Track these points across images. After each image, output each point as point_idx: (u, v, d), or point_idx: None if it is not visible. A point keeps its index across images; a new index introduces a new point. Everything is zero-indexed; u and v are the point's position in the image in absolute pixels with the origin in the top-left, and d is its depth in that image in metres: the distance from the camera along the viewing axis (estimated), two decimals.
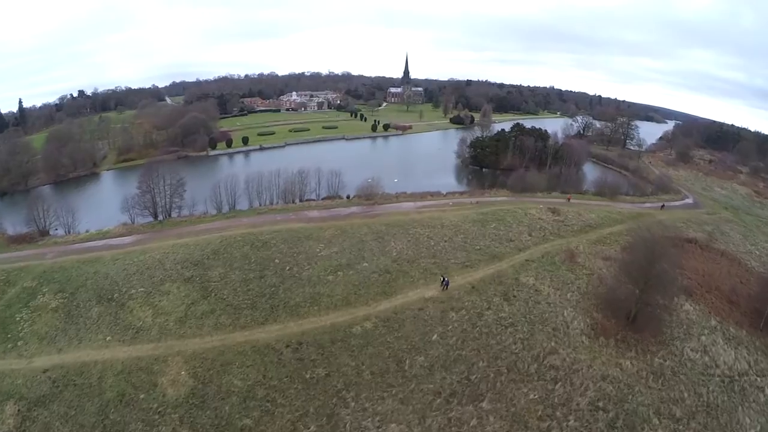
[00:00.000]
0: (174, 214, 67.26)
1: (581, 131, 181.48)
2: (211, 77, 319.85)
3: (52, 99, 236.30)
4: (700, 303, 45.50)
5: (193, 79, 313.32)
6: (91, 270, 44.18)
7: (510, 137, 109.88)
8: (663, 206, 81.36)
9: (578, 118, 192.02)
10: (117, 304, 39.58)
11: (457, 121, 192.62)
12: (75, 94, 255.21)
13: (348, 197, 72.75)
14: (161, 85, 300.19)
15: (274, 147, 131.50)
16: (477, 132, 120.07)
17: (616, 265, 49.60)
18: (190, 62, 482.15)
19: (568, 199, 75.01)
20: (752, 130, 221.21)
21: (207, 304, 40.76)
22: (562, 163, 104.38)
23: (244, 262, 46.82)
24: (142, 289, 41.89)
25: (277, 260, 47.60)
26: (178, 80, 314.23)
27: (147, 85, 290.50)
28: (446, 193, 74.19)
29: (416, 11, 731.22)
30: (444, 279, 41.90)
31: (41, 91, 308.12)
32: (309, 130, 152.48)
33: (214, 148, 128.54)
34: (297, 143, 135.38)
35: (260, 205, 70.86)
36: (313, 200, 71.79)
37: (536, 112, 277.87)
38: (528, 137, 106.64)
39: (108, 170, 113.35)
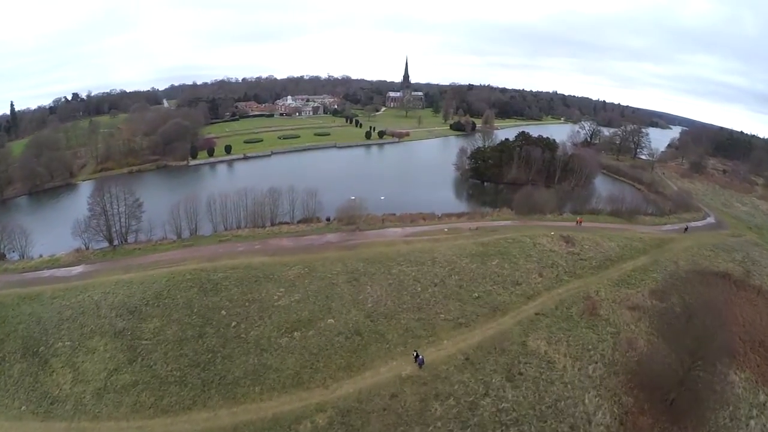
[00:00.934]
0: (131, 239, 58.96)
1: (588, 139, 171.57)
2: (208, 80, 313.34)
3: (48, 101, 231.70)
4: (746, 369, 36.59)
5: (200, 82, 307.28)
6: (27, 310, 38.56)
7: (514, 147, 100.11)
8: (686, 229, 71.97)
9: (585, 124, 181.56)
10: (41, 360, 33.96)
11: (457, 128, 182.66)
12: (69, 97, 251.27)
13: (328, 220, 63.27)
14: (161, 87, 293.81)
15: (259, 156, 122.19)
16: (478, 141, 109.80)
17: (646, 318, 40.25)
18: (194, 65, 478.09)
19: (579, 222, 65.26)
20: (762, 137, 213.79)
21: (131, 372, 32.76)
22: (572, 177, 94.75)
23: (185, 313, 38.06)
24: (69, 342, 35.28)
25: (224, 312, 38.71)
26: (177, 83, 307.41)
27: (150, 87, 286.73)
28: (441, 216, 64.46)
29: (421, 16, 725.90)
30: (417, 356, 31.99)
31: (45, 92, 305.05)
32: (299, 137, 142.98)
33: (195, 157, 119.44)
34: (284, 152, 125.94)
35: (225, 229, 61.49)
36: (287, 223, 62.26)
37: (540, 118, 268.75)
38: (534, 148, 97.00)
39: (85, 180, 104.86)
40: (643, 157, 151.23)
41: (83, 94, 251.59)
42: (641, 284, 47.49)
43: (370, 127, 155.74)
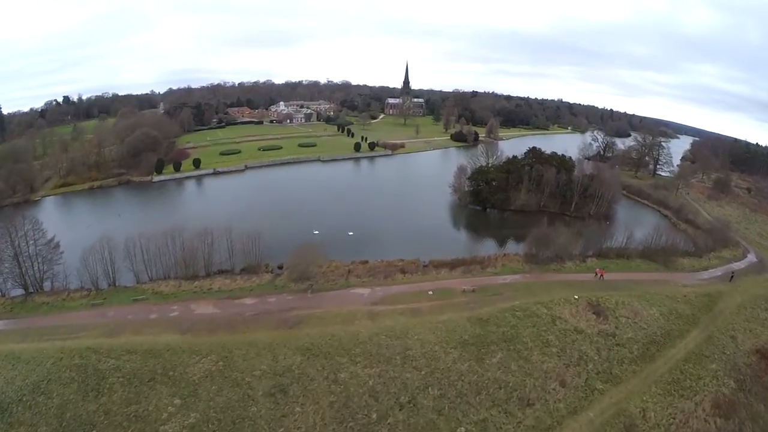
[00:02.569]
0: (47, 286, 48.04)
1: (602, 152, 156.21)
2: (205, 84, 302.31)
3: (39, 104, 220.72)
4: None
5: (197, 86, 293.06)
6: None
7: (523, 166, 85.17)
8: (732, 276, 57.74)
9: (597, 135, 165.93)
10: None
11: (458, 138, 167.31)
12: (60, 100, 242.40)
13: (280, 268, 48.94)
14: (161, 90, 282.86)
15: (232, 171, 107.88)
16: (480, 157, 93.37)
17: None
18: (201, 68, 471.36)
19: (600, 276, 50.55)
20: None
21: None
22: (592, 202, 79.92)
23: (53, 426, 26.94)
24: None
25: None
26: (175, 87, 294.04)
27: (150, 90, 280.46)
28: (427, 264, 49.75)
29: (427, 23, 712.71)
30: None
31: (51, 92, 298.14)
32: (281, 148, 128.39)
33: (160, 172, 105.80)
34: (261, 166, 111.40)
35: (150, 279, 47.90)
36: (226, 273, 48.10)
37: (546, 127, 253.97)
38: (548, 167, 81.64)
39: (47, 196, 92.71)
40: (663, 173, 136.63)
41: (74, 97, 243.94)
42: (699, 387, 33.35)
43: (362, 138, 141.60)
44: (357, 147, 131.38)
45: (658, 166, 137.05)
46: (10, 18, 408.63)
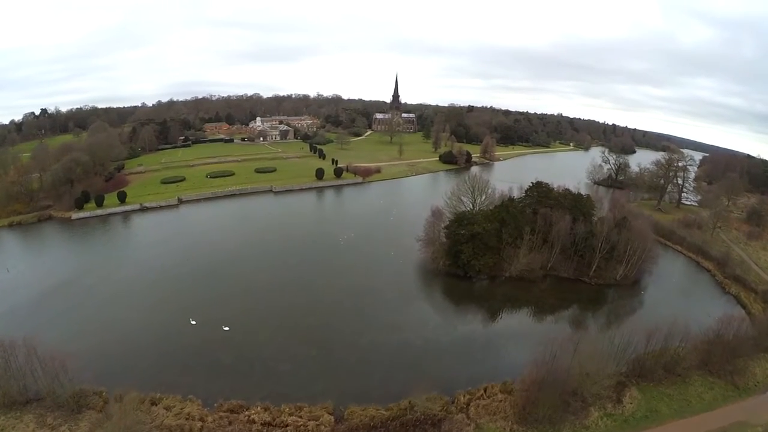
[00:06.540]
0: None
1: (614, 175, 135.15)
2: (188, 97, 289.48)
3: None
4: None
5: (170, 99, 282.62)
6: None
7: (523, 209, 63.63)
8: None
9: (609, 156, 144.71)
10: None
11: (447, 160, 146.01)
12: (37, 113, 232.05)
13: (119, 400, 28.28)
14: (151, 103, 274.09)
15: (162, 207, 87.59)
16: (464, 194, 67.71)
17: None
18: (204, 81, 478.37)
19: None
20: None
21: None
22: (619, 263, 58.42)
23: None
24: None
25: None
26: (165, 100, 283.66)
27: (141, 103, 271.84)
28: (342, 416, 28.65)
29: (430, 40, 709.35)
30: None
31: (59, 100, 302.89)
32: (233, 174, 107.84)
33: (81, 207, 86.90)
34: (199, 199, 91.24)
35: None
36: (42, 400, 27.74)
37: (547, 144, 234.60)
38: (559, 213, 59.91)
39: None
40: (689, 202, 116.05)
41: (52, 109, 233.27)
42: None
43: (332, 160, 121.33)
44: (319, 174, 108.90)
45: (683, 194, 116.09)
46: (20, 26, 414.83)
